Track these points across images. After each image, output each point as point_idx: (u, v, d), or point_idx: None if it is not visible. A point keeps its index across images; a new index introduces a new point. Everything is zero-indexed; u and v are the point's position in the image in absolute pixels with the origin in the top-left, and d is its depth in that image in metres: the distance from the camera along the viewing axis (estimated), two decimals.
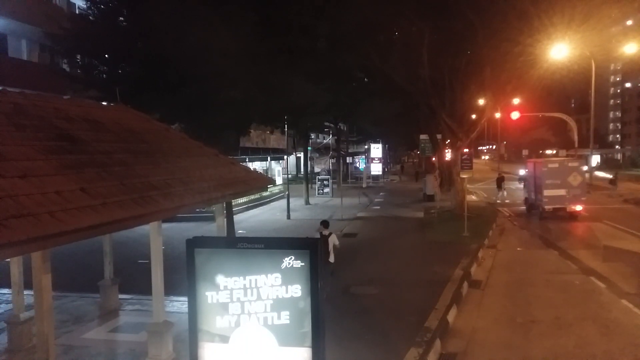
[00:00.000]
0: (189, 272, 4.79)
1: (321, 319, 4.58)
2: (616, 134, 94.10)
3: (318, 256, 4.58)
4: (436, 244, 16.22)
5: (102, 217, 4.78)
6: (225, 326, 4.71)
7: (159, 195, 5.97)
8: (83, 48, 15.39)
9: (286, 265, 4.59)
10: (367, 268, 13.07)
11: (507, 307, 10.12)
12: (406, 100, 26.80)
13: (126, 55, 14.90)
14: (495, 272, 13.04)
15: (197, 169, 7.88)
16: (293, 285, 4.60)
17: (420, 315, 9.07)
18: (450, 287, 10.99)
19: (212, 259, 4.77)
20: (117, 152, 6.58)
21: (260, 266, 4.65)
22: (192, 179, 7.22)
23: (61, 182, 4.89)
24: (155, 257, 7.07)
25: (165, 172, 6.85)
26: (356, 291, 10.88)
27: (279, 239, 5.34)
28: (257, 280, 4.66)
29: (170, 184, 6.57)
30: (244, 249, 4.69)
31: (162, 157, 7.42)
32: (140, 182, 6.07)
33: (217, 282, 4.73)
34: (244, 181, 8.84)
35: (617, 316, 9.31)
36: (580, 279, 11.96)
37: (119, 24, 15.70)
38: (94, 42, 14.57)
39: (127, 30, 15.07)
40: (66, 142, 5.94)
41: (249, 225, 20.74)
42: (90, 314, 9.54)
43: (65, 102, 7.45)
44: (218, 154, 9.23)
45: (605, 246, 15.50)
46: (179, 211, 6.53)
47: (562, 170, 21.41)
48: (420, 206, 26.34)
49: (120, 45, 14.45)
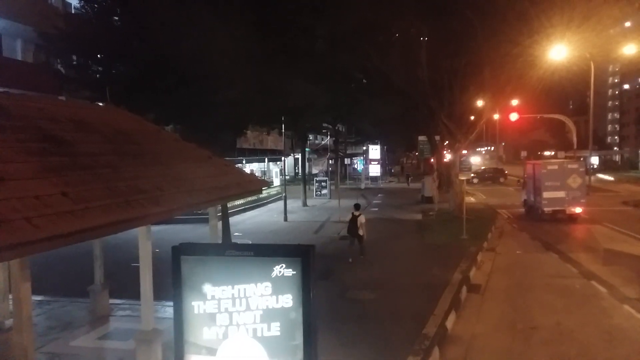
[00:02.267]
0: (174, 280, 4.57)
1: (313, 331, 4.36)
2: (614, 136, 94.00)
3: (310, 264, 4.36)
4: (434, 247, 16.01)
5: (83, 223, 4.54)
6: (212, 338, 4.49)
7: (146, 199, 5.74)
8: (77, 48, 15.15)
9: (277, 273, 4.37)
10: (364, 272, 12.84)
11: (507, 312, 9.90)
12: (405, 101, 26.60)
13: (121, 55, 14.66)
14: (495, 276, 12.82)
15: (189, 171, 7.66)
16: (284, 295, 4.38)
17: (418, 321, 8.84)
18: (449, 291, 10.77)
19: (199, 267, 4.54)
20: (104, 154, 6.35)
21: (250, 275, 4.43)
22: (183, 182, 6.99)
23: (41, 186, 4.65)
24: (144, 262, 6.84)
25: (155, 175, 6.62)
26: (353, 296, 10.65)
27: (269, 246, 5.12)
28: (246, 289, 4.44)
29: (160, 187, 6.33)
30: (233, 256, 4.46)
31: (153, 159, 7.19)
32: (126, 185, 5.84)
33: (204, 292, 4.51)
34: (238, 184, 8.62)
35: (619, 322, 9.09)
36: (581, 283, 11.75)
37: (113, 23, 15.46)
38: (87, 41, 14.33)
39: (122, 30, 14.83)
40: (49, 143, 5.70)
41: (245, 228, 20.50)
42: (79, 320, 9.28)
43: (52, 103, 7.22)
44: (211, 156, 9.01)
45: (606, 249, 15.30)
46: (168, 215, 6.30)
47: (562, 172, 21.22)
48: (418, 208, 26.13)
49: (115, 45, 14.21)
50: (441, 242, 16.68)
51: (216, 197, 7.53)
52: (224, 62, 13.83)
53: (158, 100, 13.96)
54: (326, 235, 18.65)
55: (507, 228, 20.49)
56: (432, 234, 18.49)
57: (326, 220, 22.47)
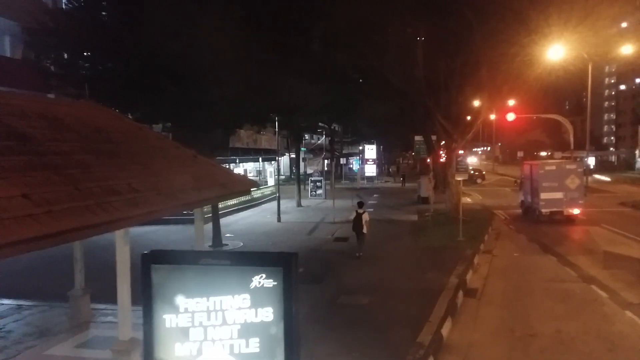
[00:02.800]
0: (144, 291, 4.16)
1: (296, 348, 3.96)
2: (610, 136, 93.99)
3: (293, 274, 3.96)
4: (430, 249, 15.65)
5: (44, 228, 4.12)
6: (185, 354, 4.08)
7: (120, 202, 5.33)
8: (63, 44, 14.67)
9: (256, 284, 3.97)
10: (357, 275, 12.46)
11: (504, 318, 9.54)
12: (401, 100, 26.28)
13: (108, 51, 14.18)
14: (492, 279, 12.47)
15: (171, 171, 7.24)
16: (264, 308, 3.98)
17: (413, 329, 8.47)
18: (445, 296, 10.40)
19: (172, 277, 4.14)
20: (76, 152, 5.93)
21: (227, 285, 4.03)
22: (163, 183, 6.58)
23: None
24: (121, 268, 6.45)
25: (132, 175, 6.20)
26: (345, 301, 10.26)
27: (248, 254, 4.72)
28: (223, 301, 4.03)
29: (136, 188, 5.91)
30: (208, 265, 4.06)
31: (131, 158, 6.77)
32: (99, 186, 5.42)
33: (176, 304, 4.10)
34: (224, 185, 8.20)
35: (622, 329, 8.75)
36: (580, 288, 11.40)
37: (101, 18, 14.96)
38: (73, 37, 13.86)
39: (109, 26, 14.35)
40: (15, 141, 5.28)
41: (237, 229, 20.08)
42: (58, 327, 8.86)
43: (22, 98, 6.79)
44: (197, 155, 8.59)
45: (605, 252, 14.98)
46: (145, 219, 5.88)
47: (560, 173, 20.91)
48: (414, 209, 25.77)
49: (102, 41, 13.73)
50: (437, 244, 16.32)
51: (199, 199, 7.11)
52: (214, 59, 13.39)
53: (146, 98, 13.52)
54: (319, 237, 18.27)
55: (504, 229, 20.17)
56: (428, 235, 18.13)
57: (320, 221, 22.08)
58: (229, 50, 13.50)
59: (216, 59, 13.41)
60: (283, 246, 16.52)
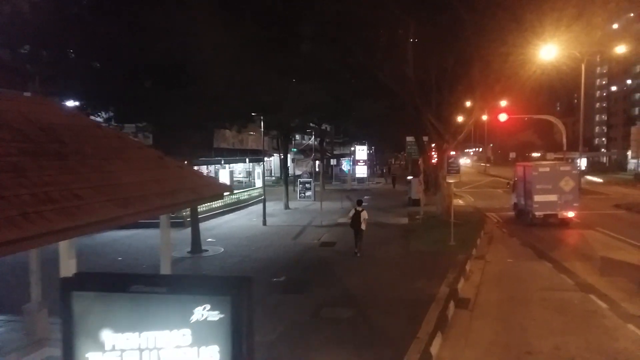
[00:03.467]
0: (64, 324, 3.40)
1: None
2: (602, 138, 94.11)
3: (244, 305, 3.21)
4: (421, 255, 14.95)
5: None
6: None
7: (53, 211, 4.54)
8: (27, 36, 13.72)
9: (198, 317, 3.22)
10: (343, 284, 11.72)
11: (499, 333, 8.85)
12: (393, 100, 25.61)
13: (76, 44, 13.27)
14: (485, 288, 11.79)
15: (129, 174, 6.46)
16: (208, 346, 3.24)
17: (399, 347, 7.75)
18: (435, 308, 9.70)
19: (97, 307, 3.38)
20: (10, 154, 5.14)
21: (162, 318, 3.28)
22: (117, 188, 5.81)
23: None
24: None
25: (77, 180, 5.41)
26: (327, 314, 9.50)
27: (191, 279, 3.96)
28: (157, 338, 3.28)
29: (79, 194, 5.13)
30: (139, 293, 3.30)
31: (80, 160, 5.99)
32: (31, 193, 4.64)
33: (102, 340, 3.34)
34: (192, 189, 7.42)
35: (625, 346, 8.09)
36: (579, 298, 10.74)
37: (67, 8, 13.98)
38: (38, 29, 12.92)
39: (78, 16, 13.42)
40: None
41: (220, 233, 19.26)
42: (9, 345, 8.02)
43: None
44: (162, 156, 7.80)
45: (602, 257, 14.41)
46: (88, 231, 5.09)
47: (554, 175, 20.32)
48: (405, 211, 25.06)
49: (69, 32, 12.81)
50: (428, 249, 15.64)
51: (160, 206, 6.33)
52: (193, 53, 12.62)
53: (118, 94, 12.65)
54: (305, 241, 17.51)
55: (496, 233, 19.54)
56: (418, 240, 17.43)
57: (307, 225, 21.32)
58: (207, 44, 12.71)
59: (194, 53, 12.63)
60: (266, 252, 15.75)
